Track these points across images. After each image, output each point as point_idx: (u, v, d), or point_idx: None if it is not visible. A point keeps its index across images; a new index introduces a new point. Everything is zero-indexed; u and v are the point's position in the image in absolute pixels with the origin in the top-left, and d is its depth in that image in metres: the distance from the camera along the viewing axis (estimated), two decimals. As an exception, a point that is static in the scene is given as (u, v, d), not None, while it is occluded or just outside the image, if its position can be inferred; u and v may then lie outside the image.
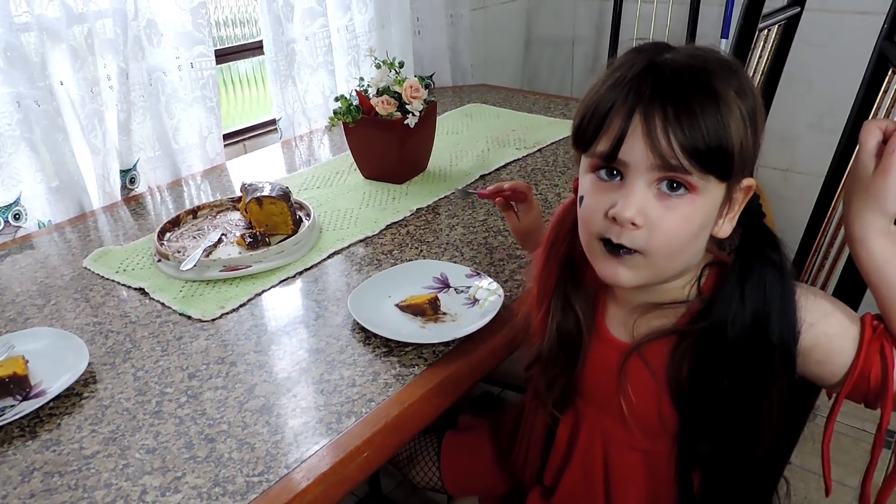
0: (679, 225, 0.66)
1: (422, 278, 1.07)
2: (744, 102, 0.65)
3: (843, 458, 1.86)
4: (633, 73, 0.65)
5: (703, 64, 0.65)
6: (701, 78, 0.63)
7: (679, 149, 0.63)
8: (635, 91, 0.64)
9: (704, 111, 0.62)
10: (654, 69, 0.64)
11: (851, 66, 2.06)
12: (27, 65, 1.30)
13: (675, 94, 0.63)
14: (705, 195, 0.66)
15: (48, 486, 0.74)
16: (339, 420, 0.81)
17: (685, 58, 0.65)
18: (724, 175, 0.65)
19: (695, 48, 0.68)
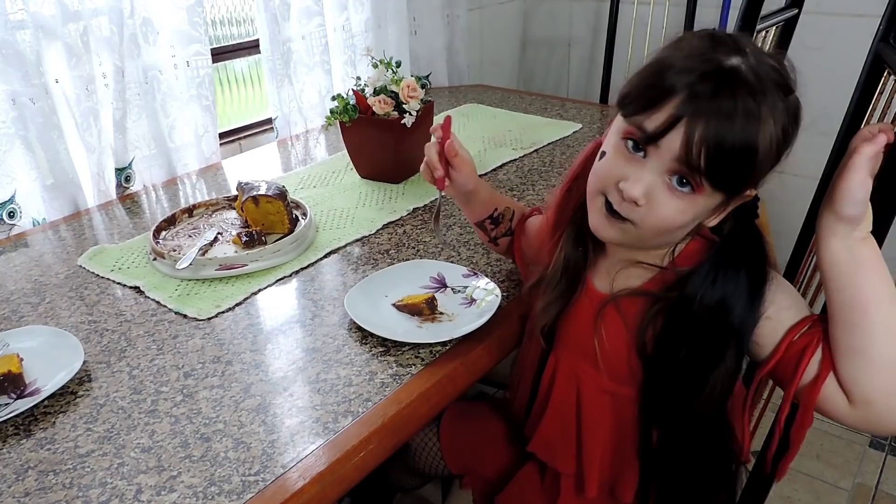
0: (674, 214, 0.71)
1: (419, 278, 1.07)
2: (778, 127, 0.67)
3: (836, 460, 1.87)
4: (701, 71, 0.66)
5: (760, 83, 0.66)
6: (753, 97, 0.65)
7: (705, 160, 0.66)
8: (695, 91, 0.66)
9: (741, 134, 0.65)
10: (720, 76, 0.66)
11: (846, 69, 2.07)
12: (22, 62, 1.29)
13: (725, 112, 0.65)
14: (707, 197, 0.70)
15: (43, 485, 0.74)
16: (335, 420, 0.81)
17: (749, 71, 0.66)
18: (733, 192, 0.71)
19: (764, 57, 0.68)
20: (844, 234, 0.66)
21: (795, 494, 1.76)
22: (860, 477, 1.81)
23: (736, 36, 0.70)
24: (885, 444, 1.91)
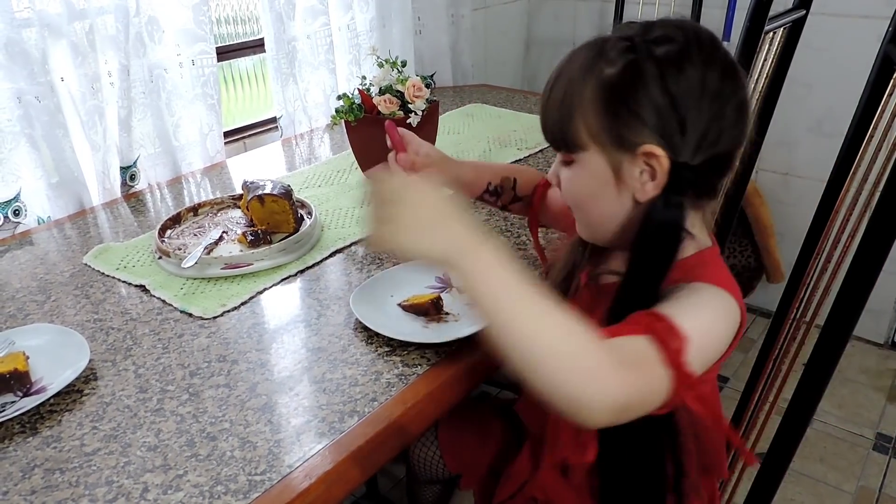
0: (567, 183, 0.79)
1: (424, 278, 1.07)
2: (596, 85, 0.72)
3: (840, 462, 1.87)
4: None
5: (569, 62, 0.76)
6: (562, 76, 0.76)
7: (548, 136, 0.80)
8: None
9: (551, 108, 0.77)
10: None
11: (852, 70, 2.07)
12: (28, 60, 1.30)
13: (546, 94, 0.78)
14: (583, 164, 0.76)
15: (49, 483, 0.73)
16: (341, 419, 0.81)
17: (569, 53, 0.77)
18: (572, 150, 0.76)
19: (593, 42, 0.75)
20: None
21: (799, 497, 1.76)
22: (863, 480, 1.81)
23: (615, 38, 0.73)
24: (889, 448, 1.91)
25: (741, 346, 2.36)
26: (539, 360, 0.58)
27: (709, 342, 0.69)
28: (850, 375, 2.19)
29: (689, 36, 0.71)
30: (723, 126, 0.71)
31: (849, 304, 0.82)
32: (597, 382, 0.58)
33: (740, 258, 2.36)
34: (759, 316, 2.52)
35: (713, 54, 0.71)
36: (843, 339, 0.84)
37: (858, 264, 0.80)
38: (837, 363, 0.85)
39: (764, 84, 1.13)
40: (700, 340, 0.66)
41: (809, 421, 0.91)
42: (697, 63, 0.70)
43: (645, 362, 0.63)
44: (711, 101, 0.70)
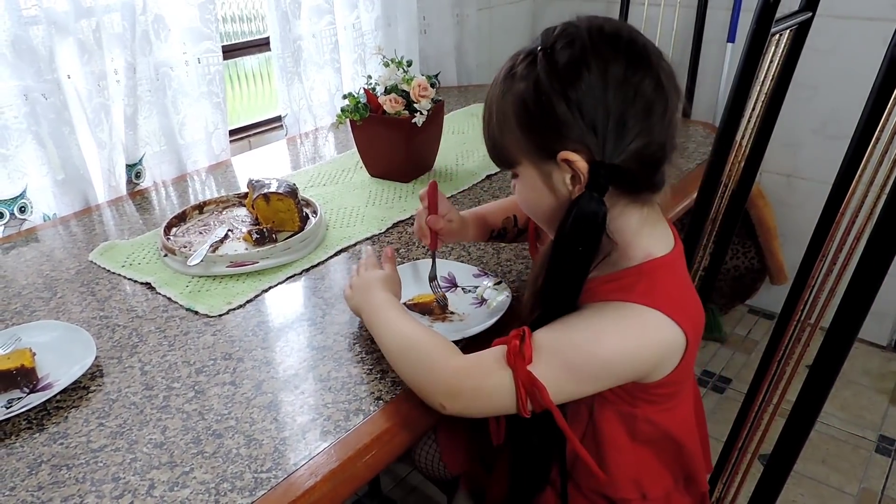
0: (517, 194, 0.83)
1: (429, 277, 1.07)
2: (512, 102, 0.75)
3: (843, 465, 1.86)
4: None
5: (492, 84, 0.79)
6: (488, 98, 0.79)
7: (490, 156, 0.83)
8: None
9: (487, 129, 0.81)
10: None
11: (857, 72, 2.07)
12: (35, 58, 1.30)
13: (483, 115, 0.82)
14: (522, 176, 0.80)
15: (56, 479, 0.74)
16: (347, 418, 0.81)
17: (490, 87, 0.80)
18: (510, 166, 0.80)
19: (511, 57, 0.78)
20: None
21: (801, 499, 1.76)
22: (866, 482, 1.81)
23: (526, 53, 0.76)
24: (892, 450, 1.91)
25: (744, 348, 2.36)
26: (395, 367, 0.85)
27: (587, 356, 0.74)
28: (852, 377, 2.19)
29: (585, 34, 0.72)
30: (634, 121, 0.71)
31: (854, 307, 0.82)
32: (434, 375, 0.79)
33: (743, 259, 2.36)
34: (761, 318, 2.52)
35: (614, 48, 0.71)
36: (848, 342, 0.84)
37: (864, 267, 0.80)
38: (842, 366, 0.85)
39: (770, 86, 1.13)
40: (571, 353, 0.74)
41: (814, 423, 0.91)
42: (596, 64, 0.70)
43: (487, 363, 0.76)
44: (618, 100, 0.70)
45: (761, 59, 0.99)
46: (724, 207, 1.26)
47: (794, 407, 0.91)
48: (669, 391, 0.81)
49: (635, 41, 0.73)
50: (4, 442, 0.80)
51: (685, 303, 0.78)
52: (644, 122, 0.71)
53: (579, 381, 0.75)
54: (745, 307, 2.57)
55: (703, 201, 1.15)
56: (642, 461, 0.85)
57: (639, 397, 0.80)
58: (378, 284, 0.93)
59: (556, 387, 0.73)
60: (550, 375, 0.73)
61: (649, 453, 0.85)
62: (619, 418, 0.82)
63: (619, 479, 0.85)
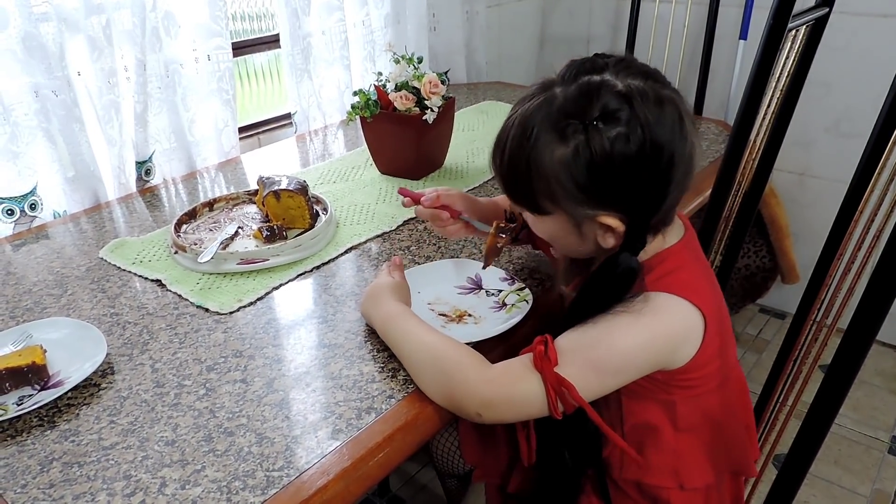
0: (533, 224, 0.85)
1: (456, 277, 1.06)
2: (553, 162, 0.75)
3: (855, 465, 1.85)
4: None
5: (522, 130, 0.77)
6: (517, 147, 0.77)
7: (505, 193, 0.85)
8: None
9: (510, 174, 0.80)
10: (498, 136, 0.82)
11: (871, 70, 2.06)
12: (45, 55, 1.30)
13: (499, 158, 0.81)
14: (545, 219, 0.81)
15: (67, 477, 0.73)
16: (359, 416, 0.80)
17: (520, 116, 0.78)
18: (535, 213, 0.82)
19: (546, 113, 0.76)
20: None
21: (813, 500, 1.75)
22: (878, 483, 1.80)
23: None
24: (904, 450, 1.89)
25: (754, 347, 2.34)
26: (418, 379, 0.84)
27: (607, 350, 0.77)
28: (865, 378, 2.17)
29: (633, 108, 0.72)
30: (673, 185, 0.75)
31: (873, 308, 0.81)
32: (463, 383, 0.80)
33: (755, 258, 2.34)
34: (772, 317, 2.51)
35: (660, 122, 0.72)
36: (866, 343, 0.82)
37: (884, 267, 0.79)
38: (860, 367, 0.84)
39: (785, 83, 1.12)
40: (591, 351, 0.77)
41: (830, 425, 0.90)
42: (646, 141, 0.72)
43: (516, 369, 0.79)
44: (662, 169, 0.74)
45: (777, 55, 0.98)
46: (738, 206, 1.24)
47: (811, 408, 0.90)
48: (702, 374, 0.82)
49: (675, 105, 0.74)
50: (16, 439, 0.79)
51: (698, 284, 0.81)
52: (681, 186, 0.77)
53: (603, 376, 0.78)
54: (755, 307, 2.55)
55: (716, 200, 1.13)
56: (683, 450, 0.86)
57: (673, 385, 0.82)
58: (387, 293, 0.93)
59: (583, 384, 0.76)
60: (576, 374, 0.76)
61: (692, 442, 0.86)
62: (659, 407, 0.84)
63: (657, 465, 0.86)
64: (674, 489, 0.87)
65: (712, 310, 0.79)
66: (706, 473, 0.88)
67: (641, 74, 0.75)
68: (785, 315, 2.52)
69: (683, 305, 0.77)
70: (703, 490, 0.89)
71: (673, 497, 0.88)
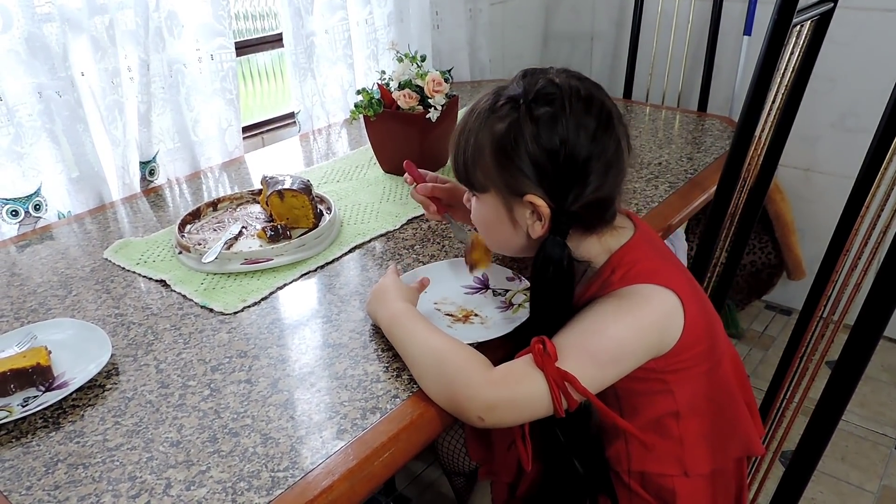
0: (474, 212, 0.91)
1: (462, 277, 1.06)
2: (488, 140, 0.82)
3: (863, 462, 1.84)
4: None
5: (470, 112, 0.86)
6: (465, 126, 0.86)
7: (454, 173, 0.90)
8: None
9: (457, 154, 0.87)
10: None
11: (876, 65, 2.04)
12: (49, 55, 1.30)
13: (455, 136, 0.88)
14: (484, 201, 0.87)
15: (72, 478, 0.73)
16: (363, 416, 0.80)
17: (476, 100, 0.86)
18: (475, 190, 0.88)
19: (493, 94, 0.85)
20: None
21: (820, 496, 1.74)
22: (886, 479, 1.79)
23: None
24: (912, 447, 1.88)
25: (761, 344, 2.34)
26: (422, 381, 0.84)
27: (603, 339, 0.79)
28: (871, 373, 2.16)
29: (563, 96, 0.80)
30: (594, 177, 0.80)
31: (880, 304, 0.80)
32: (469, 390, 0.79)
33: (760, 255, 2.34)
34: (778, 313, 2.50)
35: (585, 113, 0.80)
36: (873, 339, 0.82)
37: (890, 263, 0.78)
38: (868, 363, 0.84)
39: (790, 78, 1.11)
40: (588, 342, 0.79)
41: (838, 422, 0.89)
42: (569, 123, 0.79)
43: (516, 371, 0.80)
44: (583, 157, 0.79)
45: (782, 50, 0.98)
46: (743, 202, 1.24)
47: (818, 405, 0.89)
48: (693, 354, 0.83)
49: (604, 105, 0.82)
50: (21, 441, 0.79)
51: (664, 269, 0.85)
52: (602, 178, 0.81)
53: (603, 367, 0.79)
54: (761, 303, 2.54)
55: (722, 196, 1.13)
56: (686, 437, 0.87)
57: (667, 371, 0.83)
58: (393, 292, 0.94)
59: (584, 376, 0.78)
60: (576, 367, 0.77)
61: (695, 428, 0.87)
62: (657, 400, 0.85)
63: (661, 453, 0.87)
64: (678, 477, 0.88)
65: (686, 290, 0.82)
66: (710, 459, 0.89)
67: (580, 78, 0.84)
68: (791, 311, 2.51)
69: (655, 289, 0.81)
70: (707, 476, 0.89)
71: (678, 485, 0.88)
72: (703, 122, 1.80)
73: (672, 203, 1.33)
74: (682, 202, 1.33)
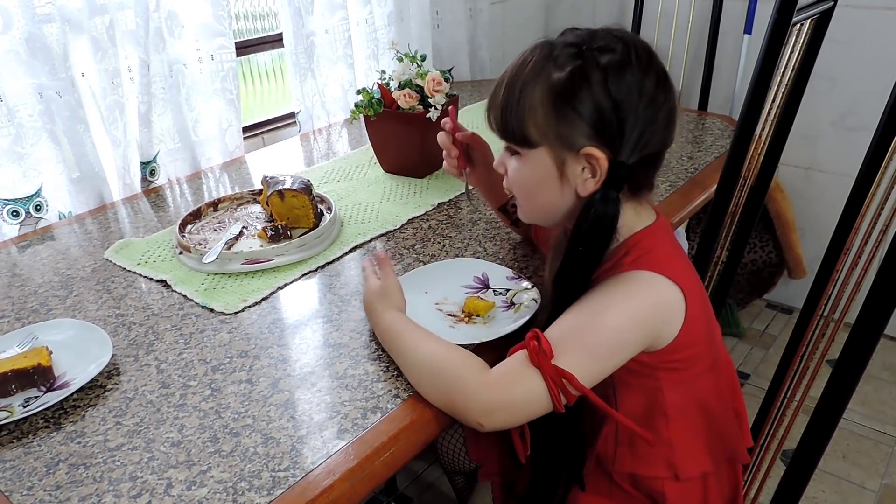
0: (514, 173, 0.87)
1: (462, 277, 1.06)
2: (545, 88, 0.78)
3: (864, 460, 1.84)
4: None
5: (521, 65, 0.81)
6: (514, 77, 0.81)
7: (497, 129, 0.86)
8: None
9: (503, 107, 0.82)
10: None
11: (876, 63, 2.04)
12: (49, 56, 1.30)
13: (497, 91, 0.84)
14: (530, 158, 0.83)
15: (74, 479, 0.74)
16: (364, 416, 0.80)
17: (520, 55, 0.82)
18: (521, 146, 0.83)
19: (543, 45, 0.82)
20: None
21: (822, 495, 1.74)
22: (888, 477, 1.79)
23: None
24: (914, 445, 1.88)
25: (761, 342, 2.34)
26: (420, 389, 0.83)
27: (599, 331, 0.78)
28: (873, 372, 2.16)
29: (628, 46, 0.78)
30: (655, 129, 0.79)
31: (880, 302, 0.80)
32: (466, 396, 0.79)
33: (761, 253, 2.34)
34: (779, 312, 2.50)
35: (649, 64, 0.79)
36: (874, 338, 0.82)
37: (891, 261, 0.78)
38: (868, 362, 0.84)
39: (790, 77, 1.11)
40: (585, 336, 0.78)
41: (839, 420, 0.89)
42: (636, 72, 0.77)
43: (514, 369, 0.78)
44: (647, 107, 0.78)
45: (782, 49, 0.97)
46: (743, 201, 1.24)
47: (819, 403, 0.89)
48: (688, 355, 0.83)
49: (661, 64, 0.81)
50: (22, 441, 0.79)
51: (674, 263, 0.83)
52: (662, 132, 0.80)
53: (600, 359, 0.78)
54: (762, 302, 2.54)
55: (722, 195, 1.13)
56: (675, 439, 0.86)
57: (660, 368, 0.82)
58: (378, 303, 0.92)
59: (581, 371, 0.76)
60: (573, 362, 0.77)
61: (684, 430, 0.86)
62: (647, 395, 0.85)
63: (650, 456, 0.86)
64: (668, 479, 0.87)
65: (692, 288, 0.81)
66: (701, 462, 0.88)
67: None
68: (792, 310, 2.51)
69: (661, 279, 0.80)
70: (698, 479, 0.89)
71: (668, 489, 0.88)
72: (703, 120, 1.80)
73: (673, 202, 1.33)
74: (682, 201, 1.33)
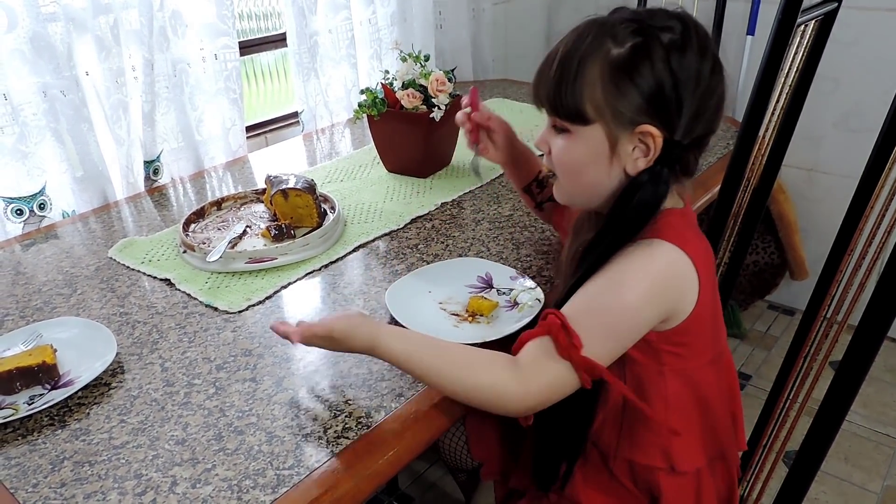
0: (561, 151, 0.83)
1: (466, 276, 1.06)
2: (605, 63, 0.77)
3: (866, 462, 1.84)
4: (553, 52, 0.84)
5: (576, 39, 0.80)
6: (570, 52, 0.80)
7: (548, 105, 0.83)
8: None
9: (557, 81, 0.80)
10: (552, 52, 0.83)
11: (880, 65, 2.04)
12: (53, 55, 1.30)
13: (549, 67, 0.82)
14: (581, 135, 0.81)
15: (78, 476, 0.74)
16: (368, 415, 0.81)
17: (574, 31, 0.82)
18: (574, 122, 0.80)
19: (599, 21, 0.81)
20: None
21: (823, 497, 1.74)
22: (889, 479, 1.79)
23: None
24: (915, 447, 1.88)
25: (763, 344, 2.34)
26: (457, 396, 0.80)
27: (620, 311, 0.78)
28: (875, 374, 2.16)
29: (687, 27, 0.77)
30: (707, 111, 0.79)
31: (883, 304, 0.80)
32: (505, 399, 0.78)
33: (763, 255, 2.33)
34: (781, 313, 2.50)
35: (707, 47, 0.78)
36: (877, 340, 0.82)
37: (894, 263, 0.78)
38: (871, 364, 0.84)
39: (793, 78, 1.11)
40: (606, 317, 0.78)
41: (842, 422, 0.89)
42: (696, 52, 0.77)
43: (544, 363, 0.77)
44: (703, 88, 0.77)
45: (786, 50, 0.98)
46: (746, 202, 1.24)
47: (822, 405, 0.89)
48: (694, 339, 0.83)
49: (715, 50, 0.80)
50: (27, 438, 0.80)
51: (691, 240, 0.82)
52: (713, 115, 0.80)
53: (622, 339, 0.79)
54: (764, 303, 2.54)
55: (725, 196, 1.13)
56: (673, 427, 0.86)
57: (664, 350, 0.82)
58: (361, 324, 0.82)
59: (605, 354, 0.77)
60: (599, 349, 0.76)
61: (682, 422, 0.86)
62: (649, 379, 0.84)
63: (648, 444, 0.86)
64: (664, 471, 0.87)
65: (704, 266, 0.80)
66: (695, 455, 0.88)
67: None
68: (794, 311, 2.51)
69: (676, 251, 0.79)
70: (693, 475, 0.89)
71: (664, 480, 0.88)
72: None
73: (675, 203, 1.33)
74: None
